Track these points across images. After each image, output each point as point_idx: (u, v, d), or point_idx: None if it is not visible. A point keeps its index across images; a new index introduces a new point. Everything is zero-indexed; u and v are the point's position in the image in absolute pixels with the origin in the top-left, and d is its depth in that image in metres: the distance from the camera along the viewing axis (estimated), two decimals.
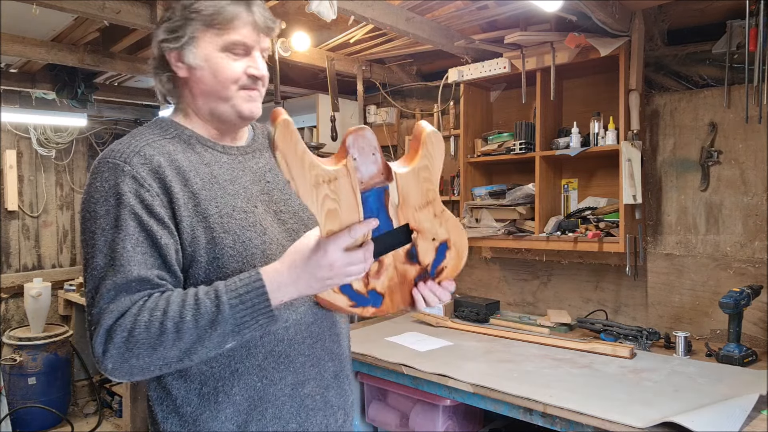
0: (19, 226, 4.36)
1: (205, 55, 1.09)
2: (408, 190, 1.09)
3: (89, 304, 0.98)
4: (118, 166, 1.02)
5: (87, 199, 1.02)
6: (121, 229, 0.98)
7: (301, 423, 1.12)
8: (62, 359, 4.02)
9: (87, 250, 1.00)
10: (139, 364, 0.95)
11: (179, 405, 1.07)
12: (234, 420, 1.07)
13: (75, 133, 4.60)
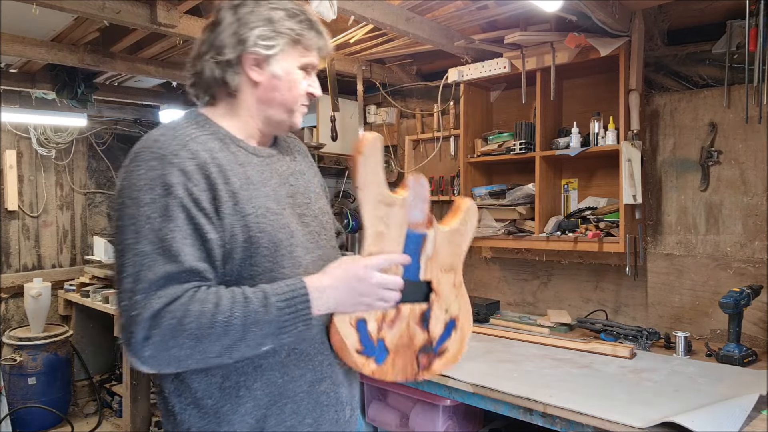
0: (19, 226, 4.36)
1: (287, 69, 1.16)
2: (441, 246, 1.20)
3: (129, 289, 0.97)
4: (166, 157, 1.03)
5: (128, 185, 1.02)
6: (171, 219, 0.99)
7: (315, 418, 1.15)
8: (62, 359, 4.02)
9: (128, 236, 0.99)
10: (179, 354, 0.96)
11: (199, 398, 1.09)
12: (253, 414, 1.09)
13: (75, 133, 4.60)
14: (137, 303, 0.96)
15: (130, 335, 0.95)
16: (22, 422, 3.80)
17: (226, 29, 1.14)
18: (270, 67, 1.15)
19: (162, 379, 1.13)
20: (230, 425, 1.08)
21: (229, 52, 1.13)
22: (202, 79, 1.17)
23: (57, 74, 3.43)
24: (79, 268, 4.56)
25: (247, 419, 1.08)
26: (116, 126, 4.92)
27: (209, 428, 1.08)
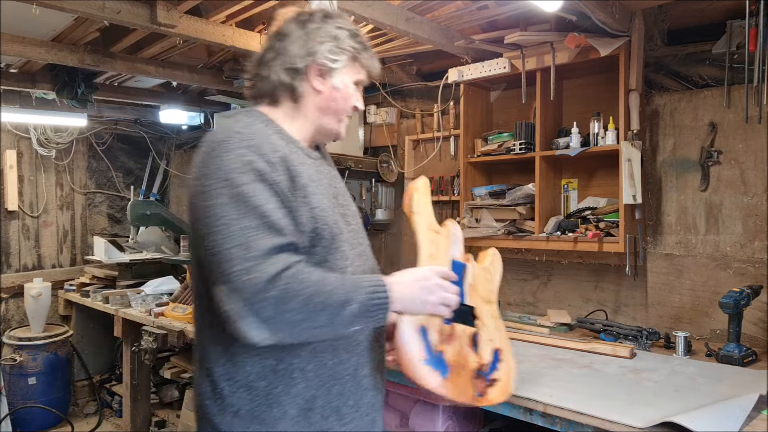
0: (19, 226, 4.36)
1: (345, 82, 1.31)
2: (478, 279, 1.35)
3: (241, 257, 1.03)
4: (253, 147, 1.13)
5: (217, 169, 1.10)
6: (268, 200, 1.09)
7: (356, 401, 1.25)
8: (62, 359, 4.02)
9: (228, 213, 1.07)
10: (293, 318, 1.05)
11: (252, 381, 1.16)
12: (303, 395, 1.17)
13: (75, 133, 4.60)
14: (252, 268, 1.03)
15: (246, 299, 1.02)
16: (22, 422, 3.80)
17: (295, 41, 1.27)
18: (332, 79, 1.29)
19: (212, 363, 1.19)
20: (281, 406, 1.15)
21: (299, 62, 1.26)
22: (267, 82, 1.29)
23: (57, 74, 3.43)
24: (79, 268, 4.56)
25: (298, 400, 1.17)
26: (116, 126, 4.92)
27: (259, 410, 1.15)
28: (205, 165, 1.13)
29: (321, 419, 1.19)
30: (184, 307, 3.03)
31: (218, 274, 1.06)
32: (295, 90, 1.28)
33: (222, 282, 1.05)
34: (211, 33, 2.50)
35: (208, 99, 4.25)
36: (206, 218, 1.08)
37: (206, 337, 1.22)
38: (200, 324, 1.25)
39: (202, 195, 1.10)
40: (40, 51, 2.82)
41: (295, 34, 1.27)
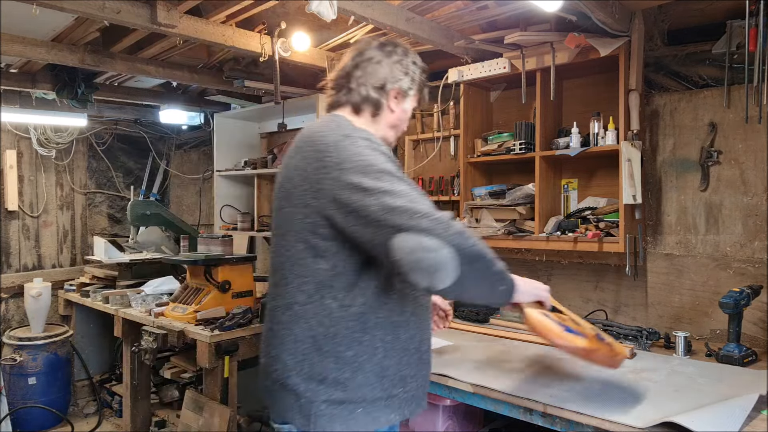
0: (19, 226, 4.36)
1: (409, 108, 1.61)
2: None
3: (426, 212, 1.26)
4: (372, 142, 1.39)
5: (354, 153, 1.34)
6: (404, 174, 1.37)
7: (416, 372, 1.47)
8: (62, 359, 4.02)
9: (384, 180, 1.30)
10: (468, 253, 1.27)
11: (341, 351, 1.36)
12: (381, 363, 1.39)
13: (75, 133, 4.60)
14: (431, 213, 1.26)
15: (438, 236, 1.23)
16: (22, 422, 3.80)
17: (384, 66, 1.53)
18: (404, 103, 1.58)
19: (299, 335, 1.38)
20: (364, 373, 1.36)
21: (387, 84, 1.53)
22: (355, 94, 1.52)
23: (57, 74, 3.43)
24: (79, 268, 4.56)
25: (376, 368, 1.38)
26: (116, 126, 4.92)
27: (344, 377, 1.36)
28: (337, 156, 1.34)
29: (390, 385, 1.40)
30: (184, 307, 3.03)
31: (396, 226, 1.25)
32: (379, 106, 1.53)
33: (406, 229, 1.24)
34: (211, 33, 2.50)
35: (208, 99, 4.25)
36: (360, 191, 1.29)
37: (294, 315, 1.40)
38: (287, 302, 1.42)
39: (345, 178, 1.30)
40: (40, 51, 2.82)
41: (384, 60, 1.53)
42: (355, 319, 1.36)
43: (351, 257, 1.36)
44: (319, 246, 1.36)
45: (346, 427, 1.36)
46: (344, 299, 1.36)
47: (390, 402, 1.40)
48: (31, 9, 2.08)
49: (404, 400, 1.44)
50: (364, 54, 1.54)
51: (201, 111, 4.40)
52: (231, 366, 2.80)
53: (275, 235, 1.51)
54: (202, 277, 3.09)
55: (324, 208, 1.34)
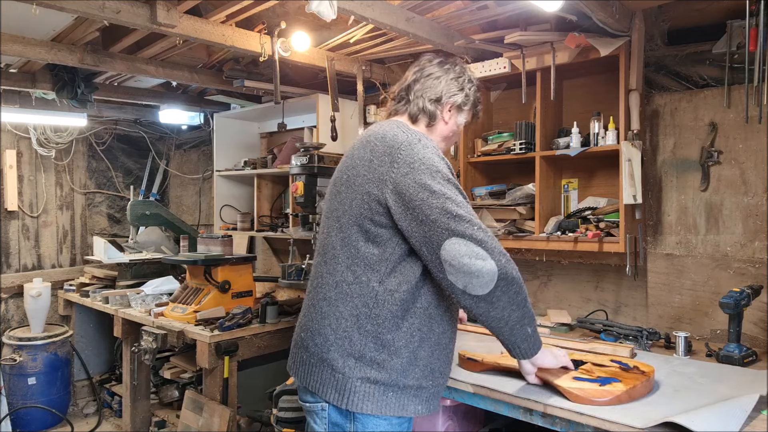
0: (19, 226, 4.36)
1: (461, 122, 1.71)
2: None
3: (466, 218, 1.42)
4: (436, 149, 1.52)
5: (423, 158, 1.45)
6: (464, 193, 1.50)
7: (443, 366, 1.57)
8: (62, 359, 4.02)
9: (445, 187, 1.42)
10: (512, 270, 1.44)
11: (381, 332, 1.45)
12: (415, 352, 1.48)
13: (75, 133, 4.60)
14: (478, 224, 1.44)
15: (483, 243, 1.41)
16: (22, 422, 3.80)
17: (442, 81, 1.65)
18: (458, 117, 1.69)
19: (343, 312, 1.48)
20: (399, 357, 1.45)
21: (443, 98, 1.64)
22: (414, 105, 1.65)
23: (57, 74, 3.43)
24: (79, 268, 4.56)
25: (410, 355, 1.46)
26: (116, 126, 4.92)
27: (381, 357, 1.45)
28: (409, 156, 1.44)
29: (422, 376, 1.48)
30: (183, 308, 3.03)
31: (452, 230, 1.38)
32: (434, 117, 1.65)
33: (461, 234, 1.38)
34: (211, 33, 2.50)
35: (208, 99, 4.25)
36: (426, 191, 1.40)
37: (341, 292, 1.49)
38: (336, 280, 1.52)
39: (414, 176, 1.42)
40: (40, 51, 2.82)
41: (442, 76, 1.65)
42: (398, 305, 1.45)
43: (399, 246, 1.46)
44: (372, 231, 1.47)
45: (377, 407, 1.43)
46: (389, 284, 1.45)
47: (419, 393, 1.48)
48: (31, 9, 2.08)
49: (431, 395, 1.52)
50: (425, 70, 1.68)
51: (201, 111, 4.40)
52: (231, 366, 2.80)
53: (329, 218, 1.61)
54: (201, 277, 3.09)
55: (386, 198, 1.45)
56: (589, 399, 1.59)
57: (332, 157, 3.16)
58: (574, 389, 1.61)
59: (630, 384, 1.64)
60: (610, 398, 1.58)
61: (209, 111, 4.37)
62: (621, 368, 1.77)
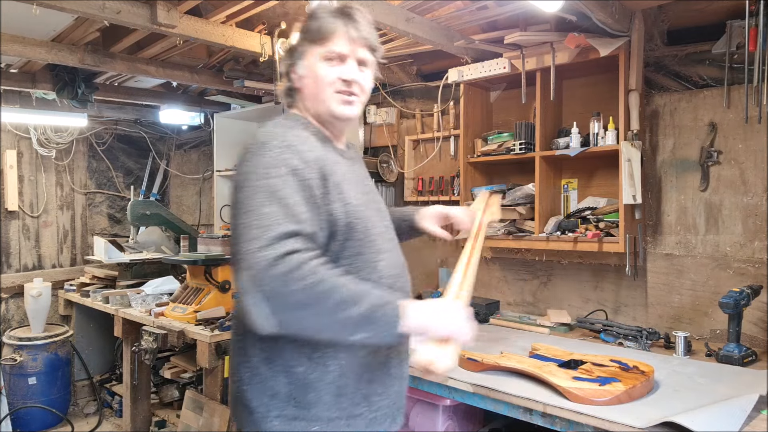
0: (19, 226, 4.36)
1: (309, 65, 1.33)
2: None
3: (252, 238, 1.10)
4: (291, 146, 1.22)
5: (256, 164, 1.19)
6: (296, 192, 1.17)
7: (385, 388, 1.33)
8: (62, 359, 4.02)
9: (257, 200, 1.14)
10: (292, 300, 1.07)
11: (290, 366, 1.25)
12: (336, 382, 1.25)
13: (75, 133, 4.60)
14: (265, 247, 1.08)
15: (253, 274, 1.07)
16: (22, 422, 3.80)
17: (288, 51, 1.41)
18: (299, 70, 1.36)
19: (252, 347, 1.28)
20: (316, 391, 1.24)
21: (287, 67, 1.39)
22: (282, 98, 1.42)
23: (57, 74, 3.43)
24: (80, 268, 4.56)
25: (331, 387, 1.25)
26: (116, 126, 4.92)
27: (296, 393, 1.24)
28: (244, 163, 1.22)
29: (351, 405, 1.27)
30: (184, 307, 3.03)
31: (236, 255, 1.13)
32: (292, 93, 1.40)
33: (238, 261, 1.11)
34: (211, 33, 2.50)
35: (208, 99, 4.25)
36: (237, 207, 1.18)
37: (247, 327, 1.24)
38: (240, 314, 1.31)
39: (239, 188, 1.19)
40: (40, 51, 2.82)
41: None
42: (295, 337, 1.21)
43: None
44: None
45: None
46: None
47: (353, 422, 1.28)
48: (31, 9, 2.08)
49: (372, 420, 1.31)
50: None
51: (201, 111, 4.40)
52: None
53: None
54: (202, 277, 3.09)
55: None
56: (589, 399, 1.59)
57: None
58: (574, 389, 1.61)
59: (630, 384, 1.64)
60: (610, 398, 1.58)
61: (209, 111, 4.37)
62: (621, 368, 1.77)
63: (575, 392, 1.62)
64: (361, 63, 1.36)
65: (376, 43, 1.40)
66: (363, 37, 1.34)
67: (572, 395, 1.62)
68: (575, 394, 1.61)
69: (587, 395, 1.60)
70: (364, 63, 1.36)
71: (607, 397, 1.59)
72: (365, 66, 1.37)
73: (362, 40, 1.34)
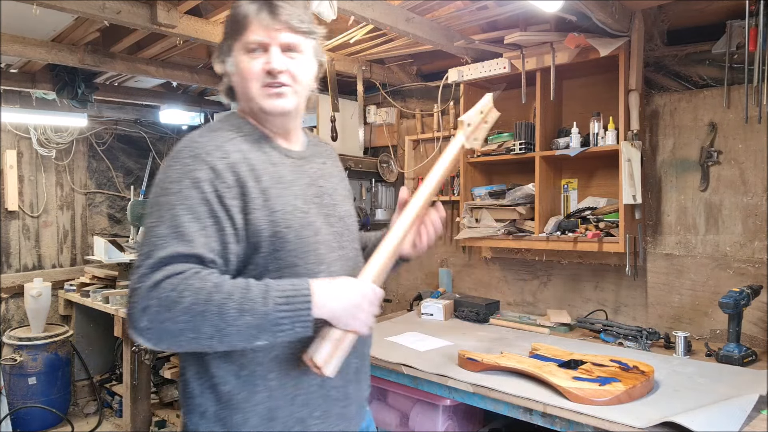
0: (19, 226, 4.36)
1: (235, 61, 1.21)
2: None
3: (139, 265, 1.03)
4: (200, 156, 1.11)
5: (164, 178, 1.11)
6: (191, 210, 1.06)
7: (323, 411, 1.20)
8: (62, 359, 4.02)
9: (152, 220, 1.07)
10: (172, 328, 0.99)
11: (217, 383, 1.14)
12: (266, 404, 1.14)
13: (75, 133, 4.59)
14: (142, 276, 1.01)
15: (131, 306, 1.01)
16: (22, 422, 3.80)
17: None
18: (227, 67, 1.24)
19: (186, 362, 1.18)
20: (243, 413, 1.13)
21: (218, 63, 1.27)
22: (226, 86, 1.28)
23: (57, 74, 3.43)
24: (80, 268, 4.56)
25: (259, 408, 1.13)
26: (116, 126, 4.92)
27: (223, 414, 1.13)
28: (158, 174, 1.14)
29: (284, 428, 1.15)
30: None
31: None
32: (232, 92, 1.28)
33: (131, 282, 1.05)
34: (211, 33, 2.50)
35: (208, 99, 4.25)
36: (144, 224, 1.11)
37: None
38: None
39: (148, 202, 1.12)
40: (40, 51, 2.82)
41: None
42: (227, 352, 1.12)
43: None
44: None
45: None
46: None
47: None
48: (31, 9, 2.08)
49: None
50: None
51: (201, 111, 4.40)
52: None
53: None
54: None
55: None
56: (589, 399, 1.59)
57: None
58: (574, 389, 1.61)
59: (630, 384, 1.64)
60: (610, 398, 1.58)
61: (209, 111, 4.37)
62: (621, 368, 1.77)
63: (575, 392, 1.62)
64: (287, 49, 1.19)
65: (305, 24, 1.21)
66: (281, 20, 1.17)
67: (572, 395, 1.62)
68: (575, 394, 1.61)
69: (587, 395, 1.60)
70: (292, 48, 1.20)
71: (607, 397, 1.59)
72: (294, 51, 1.20)
73: (281, 23, 1.17)
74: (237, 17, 1.19)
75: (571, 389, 1.63)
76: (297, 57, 1.21)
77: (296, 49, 1.20)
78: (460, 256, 3.21)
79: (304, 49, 1.22)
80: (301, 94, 1.24)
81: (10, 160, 4.26)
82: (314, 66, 1.27)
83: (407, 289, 3.49)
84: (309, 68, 1.25)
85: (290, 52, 1.20)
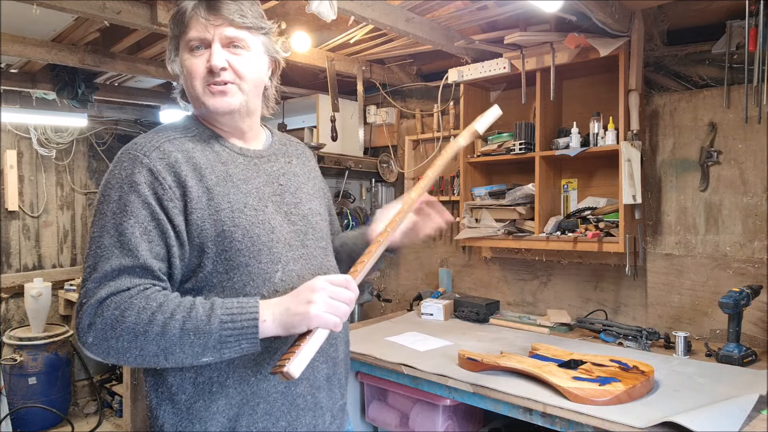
0: (19, 226, 4.36)
1: (181, 61, 1.18)
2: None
3: (86, 278, 1.01)
4: (138, 158, 1.08)
5: (104, 184, 1.09)
6: (132, 215, 1.04)
7: (290, 422, 1.14)
8: (63, 359, 4.03)
9: (94, 230, 1.05)
10: (117, 346, 0.98)
11: (174, 393, 1.10)
12: (225, 413, 1.09)
13: (75, 133, 4.60)
14: (88, 291, 1.00)
15: (78, 321, 1.00)
16: (23, 422, 3.81)
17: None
18: (174, 68, 1.24)
19: (145, 373, 1.15)
20: (202, 423, 1.08)
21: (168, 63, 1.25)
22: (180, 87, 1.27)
23: (57, 74, 3.43)
24: (80, 268, 4.56)
25: (219, 418, 1.09)
26: (116, 126, 4.92)
27: (182, 425, 1.09)
28: (104, 178, 1.11)
29: None
30: None
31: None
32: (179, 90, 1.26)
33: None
34: None
35: None
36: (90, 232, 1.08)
37: None
38: None
39: (95, 207, 1.10)
40: (40, 51, 2.83)
41: None
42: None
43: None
44: None
45: None
46: None
47: None
48: (31, 9, 2.08)
49: None
50: None
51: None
52: None
53: None
54: None
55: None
56: (589, 399, 1.59)
57: (332, 158, 3.16)
58: (573, 389, 1.61)
59: (630, 384, 1.64)
60: (610, 398, 1.58)
61: None
62: (621, 368, 1.77)
63: (575, 392, 1.62)
64: (230, 44, 1.14)
65: (248, 19, 1.16)
66: (221, 15, 1.12)
67: (572, 395, 1.62)
68: (575, 394, 1.61)
69: (587, 395, 1.60)
70: (235, 44, 1.15)
71: (607, 397, 1.59)
72: (238, 47, 1.15)
73: (221, 18, 1.12)
74: (177, 15, 1.16)
75: (571, 389, 1.63)
76: (242, 53, 1.16)
77: (241, 44, 1.15)
78: (460, 256, 3.21)
79: (251, 45, 1.17)
80: (250, 91, 1.18)
81: (11, 160, 4.26)
82: (264, 62, 1.22)
83: (407, 289, 3.49)
84: (257, 65, 1.19)
85: (235, 48, 1.15)
